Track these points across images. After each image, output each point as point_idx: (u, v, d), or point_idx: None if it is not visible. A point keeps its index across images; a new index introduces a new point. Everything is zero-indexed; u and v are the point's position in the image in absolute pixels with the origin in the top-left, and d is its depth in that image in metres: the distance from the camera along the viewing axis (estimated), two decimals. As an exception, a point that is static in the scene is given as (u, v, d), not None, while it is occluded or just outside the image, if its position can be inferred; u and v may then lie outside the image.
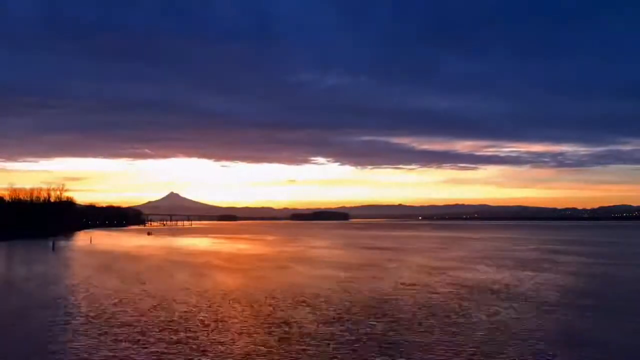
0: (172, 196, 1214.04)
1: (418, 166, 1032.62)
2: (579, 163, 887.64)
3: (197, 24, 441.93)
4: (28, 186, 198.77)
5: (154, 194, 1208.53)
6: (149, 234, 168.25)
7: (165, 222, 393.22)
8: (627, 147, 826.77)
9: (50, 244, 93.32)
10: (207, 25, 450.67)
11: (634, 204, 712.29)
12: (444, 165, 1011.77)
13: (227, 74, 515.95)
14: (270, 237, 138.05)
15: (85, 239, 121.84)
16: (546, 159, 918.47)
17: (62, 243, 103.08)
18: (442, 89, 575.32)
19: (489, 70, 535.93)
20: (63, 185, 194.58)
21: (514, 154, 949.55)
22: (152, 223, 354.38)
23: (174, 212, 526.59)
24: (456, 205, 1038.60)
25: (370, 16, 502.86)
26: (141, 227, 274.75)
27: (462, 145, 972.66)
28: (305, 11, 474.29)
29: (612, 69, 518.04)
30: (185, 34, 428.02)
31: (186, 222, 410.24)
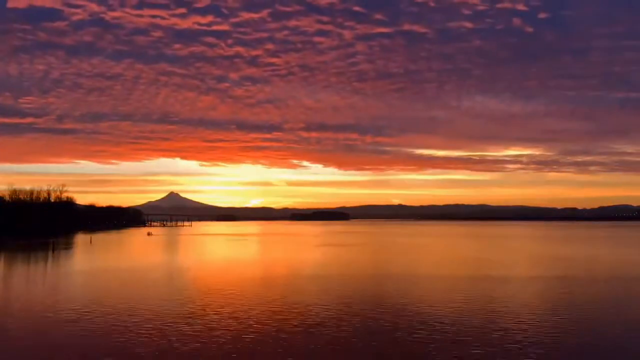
0: (172, 196, 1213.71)
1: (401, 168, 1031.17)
2: (575, 164, 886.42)
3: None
4: (28, 187, 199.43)
5: (154, 194, 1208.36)
6: (149, 234, 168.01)
7: (165, 223, 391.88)
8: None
9: (50, 245, 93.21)
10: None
11: (634, 204, 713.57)
12: (444, 166, 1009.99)
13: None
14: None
15: (85, 240, 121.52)
16: (543, 161, 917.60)
17: (61, 245, 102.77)
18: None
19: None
20: (63, 185, 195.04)
21: (510, 157, 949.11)
22: (152, 223, 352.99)
23: (174, 212, 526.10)
24: (456, 205, 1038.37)
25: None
26: (141, 228, 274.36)
27: (461, 148, 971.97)
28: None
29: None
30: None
31: (186, 223, 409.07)
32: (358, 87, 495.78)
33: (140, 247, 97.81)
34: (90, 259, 68.12)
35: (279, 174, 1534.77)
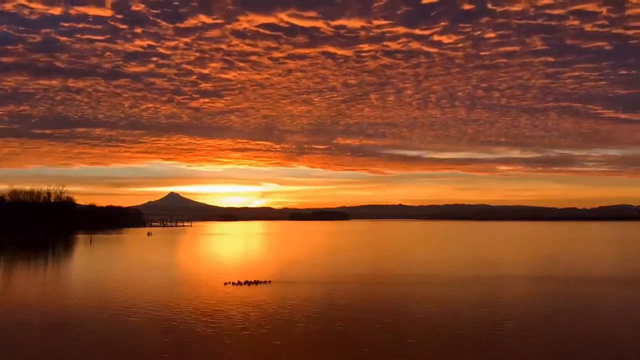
0: (172, 197, 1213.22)
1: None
2: (574, 163, 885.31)
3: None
4: (28, 187, 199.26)
5: (154, 195, 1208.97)
6: (149, 234, 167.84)
7: (165, 223, 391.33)
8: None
9: (50, 246, 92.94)
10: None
11: (634, 204, 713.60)
12: (444, 167, 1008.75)
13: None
14: None
15: (85, 240, 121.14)
16: (542, 161, 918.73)
17: (61, 245, 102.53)
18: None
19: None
20: (62, 185, 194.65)
21: (511, 157, 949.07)
22: (152, 223, 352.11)
23: (174, 212, 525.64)
24: (456, 205, 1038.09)
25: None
26: (141, 228, 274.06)
27: (460, 149, 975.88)
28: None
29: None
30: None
31: (186, 223, 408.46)
32: (307, 98, 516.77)
33: (140, 248, 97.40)
34: (90, 260, 67.84)
35: (267, 175, 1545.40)
